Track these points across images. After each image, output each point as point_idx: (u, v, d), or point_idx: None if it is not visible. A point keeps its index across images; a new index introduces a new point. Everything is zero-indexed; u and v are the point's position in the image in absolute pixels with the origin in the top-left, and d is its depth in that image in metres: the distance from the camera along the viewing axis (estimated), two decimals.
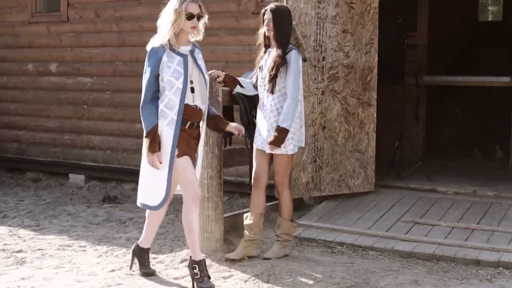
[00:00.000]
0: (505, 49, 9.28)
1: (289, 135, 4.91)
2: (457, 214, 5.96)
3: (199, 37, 4.54)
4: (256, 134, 5.10)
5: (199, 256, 4.55)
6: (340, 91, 6.31)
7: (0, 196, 7.69)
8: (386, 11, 6.92)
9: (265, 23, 5.00)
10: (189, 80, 4.40)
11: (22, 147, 8.77)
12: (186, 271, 4.87)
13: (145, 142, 4.42)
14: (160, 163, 4.39)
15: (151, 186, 4.51)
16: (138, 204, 4.61)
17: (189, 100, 4.43)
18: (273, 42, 5.00)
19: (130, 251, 4.95)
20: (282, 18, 4.98)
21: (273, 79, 4.93)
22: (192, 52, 4.50)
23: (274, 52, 4.97)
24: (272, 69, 4.92)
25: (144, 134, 4.42)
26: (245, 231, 5.14)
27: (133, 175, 7.83)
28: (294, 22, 5.93)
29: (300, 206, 6.37)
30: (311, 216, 6.07)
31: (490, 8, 13.87)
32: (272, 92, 4.94)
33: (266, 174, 5.09)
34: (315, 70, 6.17)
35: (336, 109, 6.31)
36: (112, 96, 7.99)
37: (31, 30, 8.59)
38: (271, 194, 6.39)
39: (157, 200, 4.51)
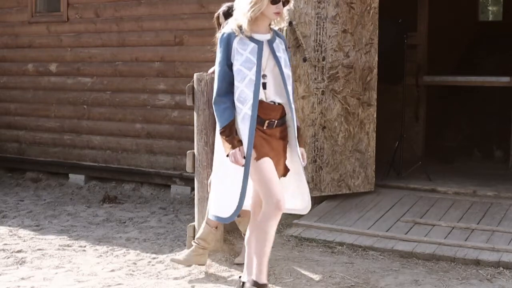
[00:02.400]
0: (505, 49, 9.27)
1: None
2: (457, 214, 5.96)
3: (283, 24, 3.94)
4: None
5: (265, 279, 4.00)
6: (340, 91, 6.31)
7: (0, 196, 7.69)
8: (386, 11, 6.92)
9: (221, 26, 4.82)
10: (262, 73, 3.85)
11: (22, 147, 8.77)
12: (186, 271, 4.88)
13: (222, 140, 3.89)
14: (244, 158, 3.81)
15: (224, 194, 3.96)
16: (210, 217, 4.17)
17: (261, 96, 3.88)
18: None
19: None
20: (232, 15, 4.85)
21: None
22: (271, 42, 3.91)
23: None
24: None
25: (219, 131, 3.89)
26: (199, 241, 4.87)
27: (133, 175, 7.85)
28: (294, 22, 5.94)
29: None
30: (311, 216, 6.07)
31: (490, 8, 13.89)
32: None
33: None
34: (315, 70, 6.17)
35: (336, 109, 6.31)
36: (112, 96, 7.98)
37: (31, 30, 8.59)
38: None
39: (229, 211, 3.92)
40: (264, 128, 3.88)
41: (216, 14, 4.94)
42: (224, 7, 4.90)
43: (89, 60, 8.13)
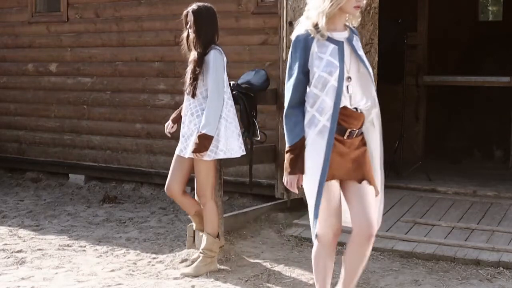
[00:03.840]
0: (505, 49, 9.27)
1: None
2: (457, 214, 5.96)
3: (357, 21, 3.51)
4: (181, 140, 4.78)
5: None
6: None
7: (0, 196, 7.69)
8: (386, 11, 6.91)
9: (188, 25, 4.77)
10: (345, 76, 3.40)
11: (22, 147, 8.77)
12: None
13: (286, 159, 3.43)
14: (300, 186, 3.44)
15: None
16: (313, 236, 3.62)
17: (345, 102, 3.42)
18: (196, 43, 4.75)
19: None
20: (203, 17, 4.74)
21: (193, 82, 4.69)
22: (349, 40, 3.46)
23: (192, 53, 4.75)
24: (192, 72, 4.70)
25: (286, 148, 3.45)
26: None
27: (133, 175, 7.85)
28: (294, 22, 5.91)
29: (300, 206, 6.36)
30: None
31: (490, 8, 13.89)
32: (193, 95, 4.68)
33: (179, 182, 4.84)
34: None
35: None
36: (112, 96, 7.98)
37: (31, 30, 8.59)
38: (271, 194, 6.41)
39: (312, 233, 3.54)
40: (345, 137, 3.42)
41: (185, 12, 4.81)
42: (194, 5, 4.80)
43: (89, 60, 8.13)
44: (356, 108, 3.45)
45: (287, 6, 5.89)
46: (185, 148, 4.74)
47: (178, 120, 4.96)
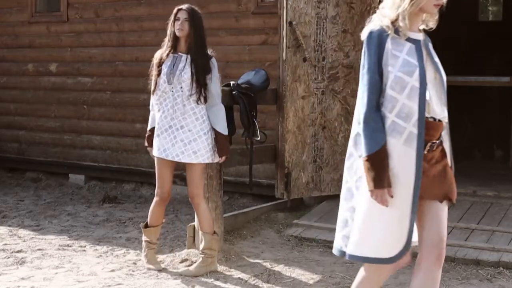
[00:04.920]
0: (505, 49, 9.27)
1: (206, 143, 4.72)
2: (457, 214, 5.96)
3: (435, 20, 3.22)
4: (164, 145, 4.73)
5: None
6: (340, 91, 6.31)
7: (0, 196, 7.69)
8: None
9: (178, 22, 4.67)
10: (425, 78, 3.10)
11: (22, 147, 8.77)
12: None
13: (367, 171, 3.04)
14: (392, 197, 3.03)
15: (382, 232, 3.08)
16: (353, 257, 3.16)
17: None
18: (186, 45, 4.72)
19: None
20: (199, 20, 4.73)
21: (202, 88, 4.69)
22: (425, 43, 3.20)
23: (194, 57, 4.69)
24: (198, 77, 4.68)
25: (365, 158, 3.04)
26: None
27: (133, 175, 7.85)
28: (294, 22, 5.93)
29: (300, 206, 6.38)
30: (311, 216, 6.07)
31: (490, 8, 13.87)
32: (205, 101, 4.71)
33: (171, 185, 4.91)
34: (315, 70, 6.17)
35: (336, 109, 6.31)
36: (112, 96, 7.99)
37: (31, 30, 8.59)
38: (271, 194, 6.40)
39: (393, 250, 3.08)
40: (426, 151, 3.09)
41: (175, 9, 4.74)
42: (187, 5, 4.76)
43: (89, 60, 8.13)
44: (433, 118, 3.13)
45: (287, 6, 5.89)
46: (182, 153, 4.71)
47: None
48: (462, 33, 9.86)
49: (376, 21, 3.13)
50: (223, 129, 4.78)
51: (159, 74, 4.75)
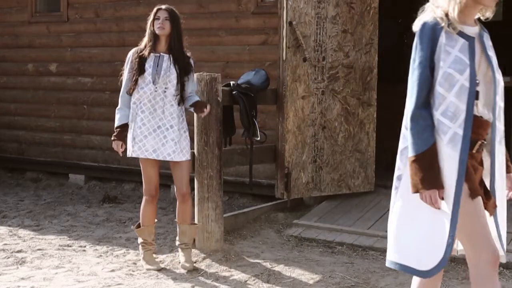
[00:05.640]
0: (505, 49, 9.27)
1: (187, 140, 4.82)
2: None
3: (493, 11, 3.02)
4: (154, 146, 4.76)
5: None
6: (340, 91, 6.31)
7: (0, 196, 7.69)
8: (386, 11, 6.92)
9: (158, 21, 4.68)
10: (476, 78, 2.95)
11: (22, 147, 8.77)
12: (186, 271, 4.87)
13: (415, 172, 2.88)
14: (442, 199, 2.87)
15: (419, 241, 2.92)
16: (392, 264, 3.04)
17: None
18: (166, 45, 4.74)
19: None
20: (178, 20, 4.76)
21: (182, 89, 4.74)
22: (480, 36, 3.01)
23: (176, 57, 4.72)
24: (182, 77, 4.72)
25: (412, 158, 2.90)
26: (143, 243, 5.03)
27: (133, 175, 7.84)
28: (294, 22, 5.93)
29: (300, 206, 6.38)
30: (311, 216, 6.08)
31: None
32: (183, 101, 4.78)
33: (158, 183, 4.99)
34: (315, 70, 6.17)
35: (336, 109, 6.31)
36: (112, 96, 7.97)
37: (31, 30, 8.59)
38: (271, 194, 6.40)
39: (431, 263, 2.90)
40: (474, 151, 2.94)
41: (155, 9, 4.78)
42: (167, 6, 4.81)
43: (89, 60, 8.13)
44: (482, 116, 2.97)
45: (287, 6, 5.89)
46: (174, 152, 4.77)
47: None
48: None
49: (429, 12, 2.94)
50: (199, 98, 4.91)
51: (140, 73, 4.72)
